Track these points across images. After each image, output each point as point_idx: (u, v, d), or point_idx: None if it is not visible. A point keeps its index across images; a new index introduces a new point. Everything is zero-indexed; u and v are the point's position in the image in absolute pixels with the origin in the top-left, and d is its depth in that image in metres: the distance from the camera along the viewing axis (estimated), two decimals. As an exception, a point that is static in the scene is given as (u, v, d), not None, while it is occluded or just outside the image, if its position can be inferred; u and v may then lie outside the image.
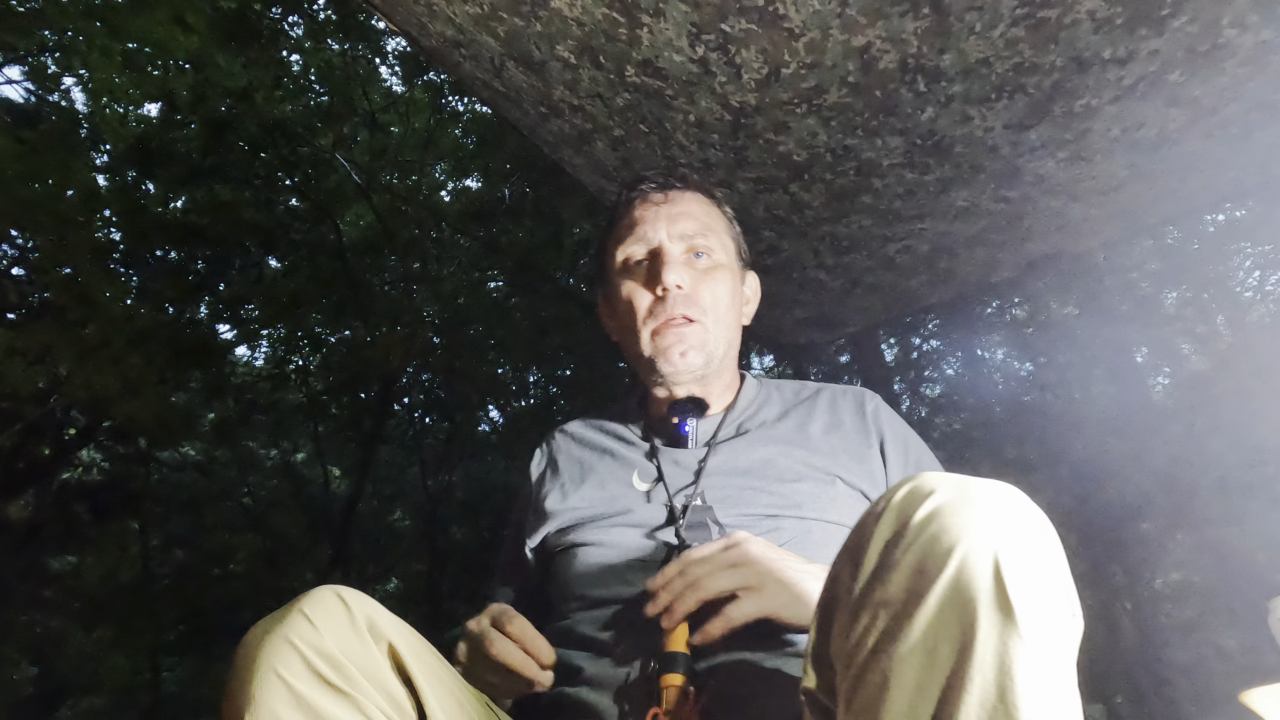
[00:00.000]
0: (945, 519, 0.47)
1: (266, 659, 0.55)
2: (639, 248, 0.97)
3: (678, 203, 0.98)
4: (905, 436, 0.99)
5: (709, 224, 0.99)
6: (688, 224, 0.97)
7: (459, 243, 8.82)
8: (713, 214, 1.02)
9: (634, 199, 1.00)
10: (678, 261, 0.94)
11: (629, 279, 0.97)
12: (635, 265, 0.97)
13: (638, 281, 0.96)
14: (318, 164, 7.63)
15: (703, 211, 1.00)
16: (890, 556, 0.48)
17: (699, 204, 1.00)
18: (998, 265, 2.27)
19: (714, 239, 0.98)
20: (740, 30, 1.38)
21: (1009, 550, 0.45)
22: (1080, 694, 0.46)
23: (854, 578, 0.51)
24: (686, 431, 0.96)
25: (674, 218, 0.97)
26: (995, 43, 1.41)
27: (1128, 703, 4.84)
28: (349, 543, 7.71)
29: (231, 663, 0.58)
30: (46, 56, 5.15)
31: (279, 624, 0.57)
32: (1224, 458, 4.27)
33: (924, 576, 0.46)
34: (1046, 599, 0.44)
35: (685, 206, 0.98)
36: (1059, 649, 0.44)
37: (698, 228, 0.97)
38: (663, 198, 0.99)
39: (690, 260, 0.96)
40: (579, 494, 0.95)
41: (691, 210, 0.98)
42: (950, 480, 0.50)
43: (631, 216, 0.99)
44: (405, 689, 0.59)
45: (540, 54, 1.50)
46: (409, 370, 8.48)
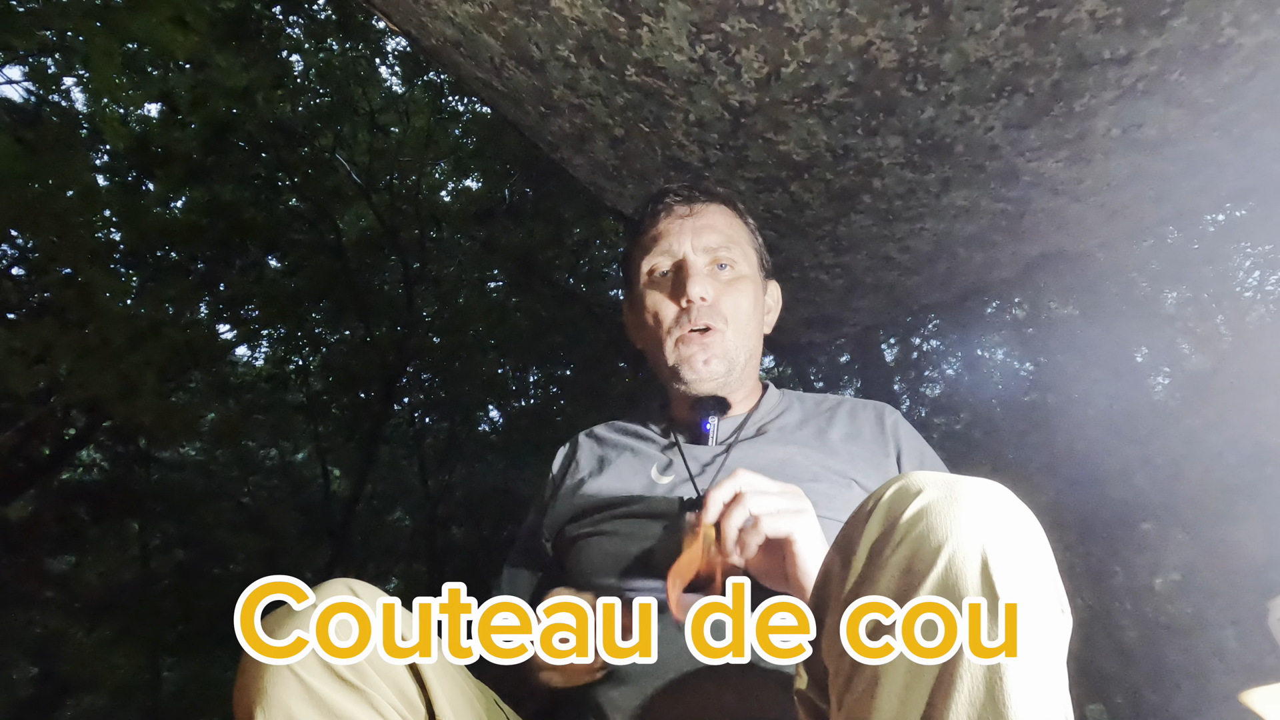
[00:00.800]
0: (933, 517, 0.47)
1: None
2: (664, 260, 0.99)
3: (702, 215, 1.01)
4: (921, 451, 1.01)
5: (732, 236, 1.01)
6: (712, 236, 0.99)
7: (459, 243, 8.82)
8: (736, 226, 1.04)
9: (659, 211, 1.02)
10: (702, 273, 0.97)
11: (654, 290, 1.00)
12: (661, 277, 1.00)
13: (663, 293, 0.99)
14: (318, 164, 7.63)
15: (726, 224, 1.02)
16: (879, 555, 0.48)
17: (723, 216, 1.03)
18: (998, 265, 2.27)
19: (737, 251, 1.00)
20: (740, 29, 1.38)
21: (997, 548, 0.45)
22: (1080, 694, 0.46)
23: (844, 576, 0.51)
24: (708, 430, 0.98)
25: (699, 230, 0.99)
26: (995, 43, 1.41)
27: (1128, 703, 4.84)
28: (349, 543, 7.71)
29: (242, 656, 0.57)
30: (46, 57, 5.15)
31: (291, 618, 0.57)
32: (1224, 458, 4.27)
33: (913, 575, 0.46)
34: (1035, 596, 0.45)
35: (710, 219, 1.00)
36: (1048, 646, 0.44)
37: (721, 240, 0.99)
38: (687, 210, 1.01)
39: (714, 272, 0.98)
40: (596, 485, 0.97)
41: (715, 223, 1.00)
42: (938, 479, 0.50)
43: (657, 229, 1.01)
44: (415, 684, 0.60)
45: (540, 53, 1.50)
46: (409, 370, 8.48)
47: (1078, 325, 5.71)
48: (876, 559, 0.48)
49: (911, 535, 0.47)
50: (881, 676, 0.45)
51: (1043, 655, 0.44)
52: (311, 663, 0.55)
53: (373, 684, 0.57)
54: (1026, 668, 0.43)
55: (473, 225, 8.29)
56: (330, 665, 0.56)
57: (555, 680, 0.79)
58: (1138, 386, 5.25)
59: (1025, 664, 0.43)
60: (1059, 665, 0.45)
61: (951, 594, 0.44)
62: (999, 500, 0.48)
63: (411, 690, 0.59)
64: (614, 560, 0.88)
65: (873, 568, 0.48)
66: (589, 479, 0.99)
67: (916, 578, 0.45)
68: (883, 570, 0.47)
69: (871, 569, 0.48)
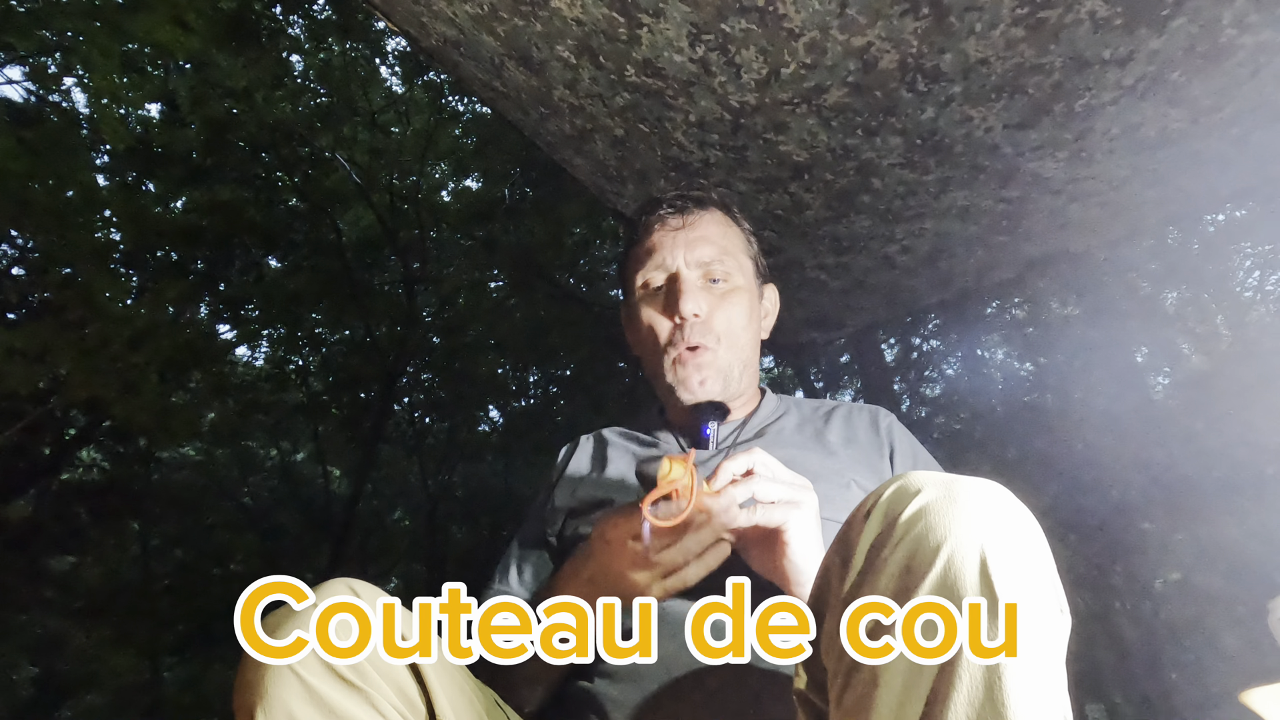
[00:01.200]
0: (932, 517, 0.47)
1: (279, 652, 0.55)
2: (657, 274, 0.98)
3: (695, 227, 0.99)
4: (914, 451, 1.01)
5: (726, 246, 1.00)
6: (705, 249, 0.98)
7: (459, 243, 8.82)
8: (730, 234, 1.02)
9: (652, 223, 1.01)
10: (695, 288, 0.96)
11: (648, 305, 0.99)
12: (654, 291, 0.99)
13: (656, 308, 0.98)
14: (318, 164, 7.64)
15: (720, 234, 1.00)
16: (878, 555, 0.48)
17: (716, 226, 1.01)
18: (998, 265, 2.27)
19: (731, 262, 0.99)
20: (740, 30, 1.38)
21: (996, 548, 0.45)
22: (1080, 694, 0.46)
23: (843, 576, 0.51)
24: (708, 434, 0.98)
25: (691, 243, 0.98)
26: (995, 43, 1.41)
27: (1128, 703, 4.84)
28: (349, 543, 7.71)
29: (243, 656, 0.57)
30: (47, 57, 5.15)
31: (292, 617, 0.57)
32: (1224, 458, 4.27)
33: (912, 574, 0.46)
34: (1034, 595, 0.45)
35: (703, 230, 0.99)
36: (1047, 646, 0.44)
37: (715, 252, 0.98)
38: (680, 222, 0.99)
39: (707, 286, 0.97)
40: (597, 484, 0.98)
41: (709, 234, 0.99)
42: (937, 479, 0.50)
43: (650, 241, 1.00)
44: (416, 684, 0.60)
45: (540, 54, 1.51)
46: (409, 370, 8.48)
47: (1078, 325, 5.71)
48: (875, 559, 0.48)
49: (910, 535, 0.47)
50: (880, 676, 0.45)
51: (1042, 655, 0.44)
52: (312, 662, 0.55)
53: (373, 684, 0.57)
54: (1026, 668, 0.43)
55: (473, 225, 8.29)
56: (331, 665, 0.55)
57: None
58: (1138, 386, 5.25)
59: (1024, 664, 0.43)
60: (1058, 665, 0.45)
61: (951, 594, 0.44)
62: (998, 500, 0.48)
63: (412, 690, 0.59)
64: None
65: (872, 567, 0.48)
66: (590, 478, 1.00)
67: (915, 577, 0.45)
68: (882, 570, 0.47)
69: (870, 569, 0.49)
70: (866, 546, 0.50)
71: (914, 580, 0.45)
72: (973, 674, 0.42)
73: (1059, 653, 0.46)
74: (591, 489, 0.98)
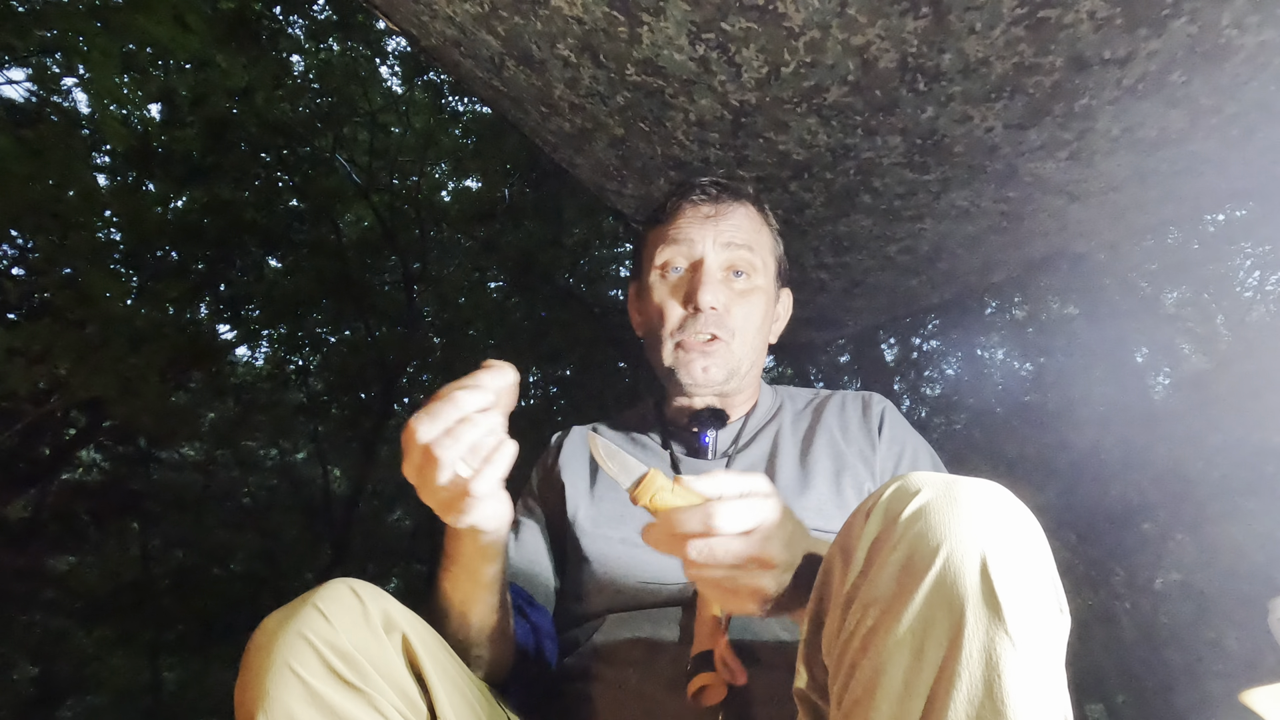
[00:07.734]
0: (932, 517, 0.47)
1: (281, 654, 0.55)
2: (681, 257, 0.96)
3: (727, 217, 0.97)
4: (904, 438, 0.99)
5: (754, 242, 0.97)
6: (733, 242, 0.96)
7: (459, 243, 8.82)
8: (760, 231, 1.00)
9: (684, 205, 0.98)
10: (716, 280, 0.94)
11: (665, 286, 0.96)
12: (674, 273, 0.96)
13: (673, 291, 0.96)
14: (318, 164, 7.64)
15: (750, 228, 0.98)
16: (878, 554, 0.48)
17: (747, 220, 0.98)
18: (998, 265, 2.27)
19: (756, 258, 0.97)
20: (740, 29, 1.38)
21: (996, 547, 0.45)
22: (1080, 694, 0.46)
23: (844, 576, 0.51)
24: (707, 443, 0.96)
25: (720, 233, 0.95)
26: (995, 43, 1.41)
27: (1128, 703, 4.84)
28: (349, 543, 7.71)
29: (244, 657, 0.57)
30: (47, 57, 5.15)
31: (293, 618, 0.57)
32: (1224, 458, 4.27)
33: (912, 574, 0.46)
34: (1033, 595, 0.45)
35: (734, 221, 0.97)
36: (1046, 645, 0.44)
37: (742, 246, 0.96)
38: (713, 210, 0.97)
39: (729, 279, 0.95)
40: (592, 501, 0.96)
41: (739, 225, 0.97)
42: (937, 479, 0.50)
43: (678, 223, 0.97)
44: (417, 685, 0.60)
45: (540, 53, 1.51)
46: (409, 370, 8.48)
47: (1078, 325, 5.71)
48: (875, 557, 0.48)
49: (910, 535, 0.47)
50: (880, 675, 0.45)
51: (1042, 655, 0.44)
52: (313, 664, 0.55)
53: (374, 685, 0.57)
54: (1025, 667, 0.43)
55: (473, 225, 8.29)
56: (332, 666, 0.55)
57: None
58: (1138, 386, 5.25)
59: (1024, 663, 0.43)
60: (1058, 665, 0.45)
61: (950, 593, 0.44)
62: (998, 500, 0.48)
63: (413, 691, 0.59)
64: (610, 582, 0.88)
65: (872, 567, 0.48)
66: (581, 495, 0.98)
67: (915, 576, 0.45)
68: (882, 569, 0.47)
69: (871, 567, 0.49)
70: (866, 546, 0.50)
71: (914, 579, 0.45)
72: (972, 673, 0.43)
73: (1059, 652, 0.46)
74: (582, 500, 0.96)
